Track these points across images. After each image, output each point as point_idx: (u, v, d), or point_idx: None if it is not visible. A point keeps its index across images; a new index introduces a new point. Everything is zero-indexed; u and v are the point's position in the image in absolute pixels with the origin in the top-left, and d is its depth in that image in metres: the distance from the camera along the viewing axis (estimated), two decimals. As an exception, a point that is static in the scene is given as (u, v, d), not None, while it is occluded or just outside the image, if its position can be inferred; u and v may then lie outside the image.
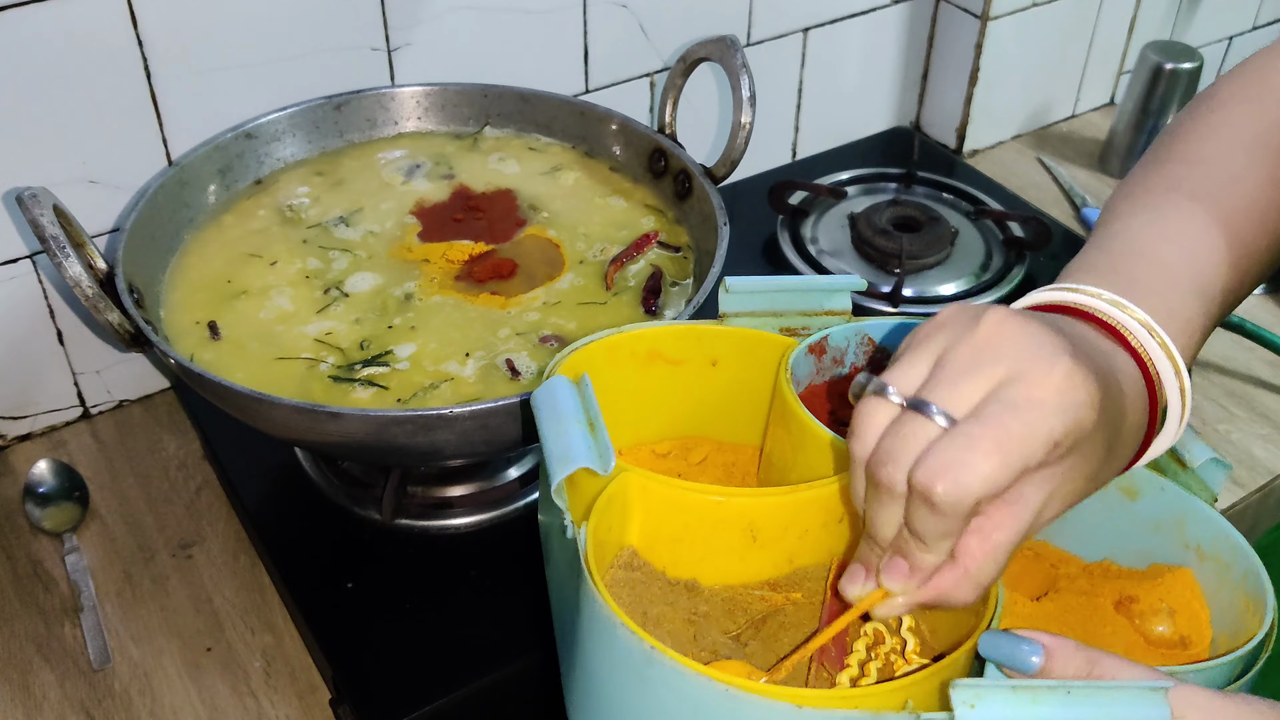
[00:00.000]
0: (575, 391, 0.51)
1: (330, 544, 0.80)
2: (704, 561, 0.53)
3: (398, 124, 0.93)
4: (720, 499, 0.52)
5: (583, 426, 0.49)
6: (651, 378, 0.61)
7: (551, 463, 0.47)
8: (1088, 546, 0.57)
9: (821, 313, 0.63)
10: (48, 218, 0.68)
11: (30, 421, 0.93)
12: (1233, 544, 0.52)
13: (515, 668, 0.72)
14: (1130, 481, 0.54)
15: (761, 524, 0.52)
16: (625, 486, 0.50)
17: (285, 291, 0.80)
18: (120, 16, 0.81)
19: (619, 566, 0.51)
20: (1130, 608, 0.54)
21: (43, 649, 0.78)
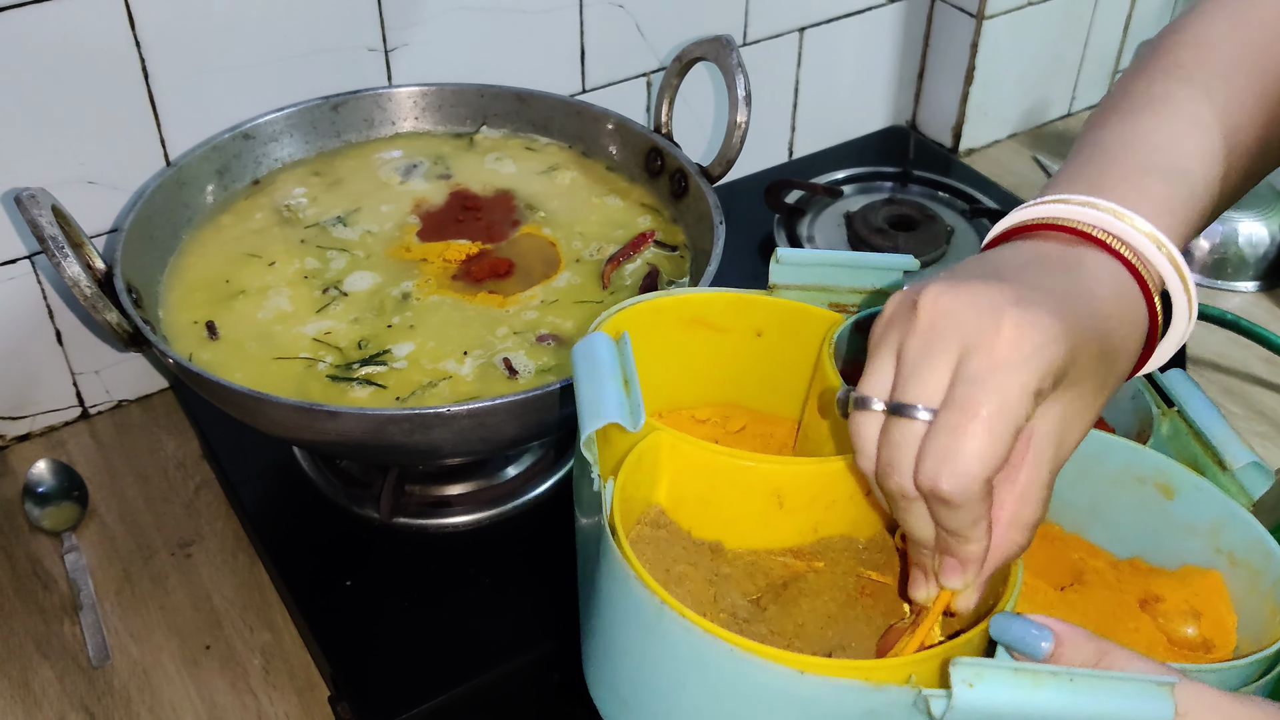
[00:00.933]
0: (614, 348, 0.51)
1: (329, 542, 0.80)
2: (729, 524, 0.53)
3: (395, 124, 0.94)
4: (749, 464, 0.52)
5: (618, 382, 0.49)
6: (694, 343, 0.61)
7: (583, 415, 0.48)
8: (1119, 543, 0.56)
9: (871, 290, 0.63)
10: (46, 218, 0.68)
11: (29, 421, 0.93)
12: (1266, 551, 0.51)
13: (514, 665, 0.72)
14: (1167, 479, 0.54)
15: (789, 491, 0.52)
16: (656, 445, 0.50)
17: (283, 291, 0.80)
18: (118, 17, 0.81)
19: (645, 523, 0.51)
20: (1155, 607, 0.54)
21: (42, 646, 0.78)
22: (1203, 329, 1.04)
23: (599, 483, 0.47)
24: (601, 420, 0.47)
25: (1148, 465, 0.54)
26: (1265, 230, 1.10)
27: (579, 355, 0.51)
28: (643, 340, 0.58)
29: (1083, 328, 0.43)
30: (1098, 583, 0.55)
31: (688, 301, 0.60)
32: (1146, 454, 0.54)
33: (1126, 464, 0.55)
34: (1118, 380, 0.47)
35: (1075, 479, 0.55)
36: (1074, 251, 0.46)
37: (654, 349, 0.59)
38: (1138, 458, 0.54)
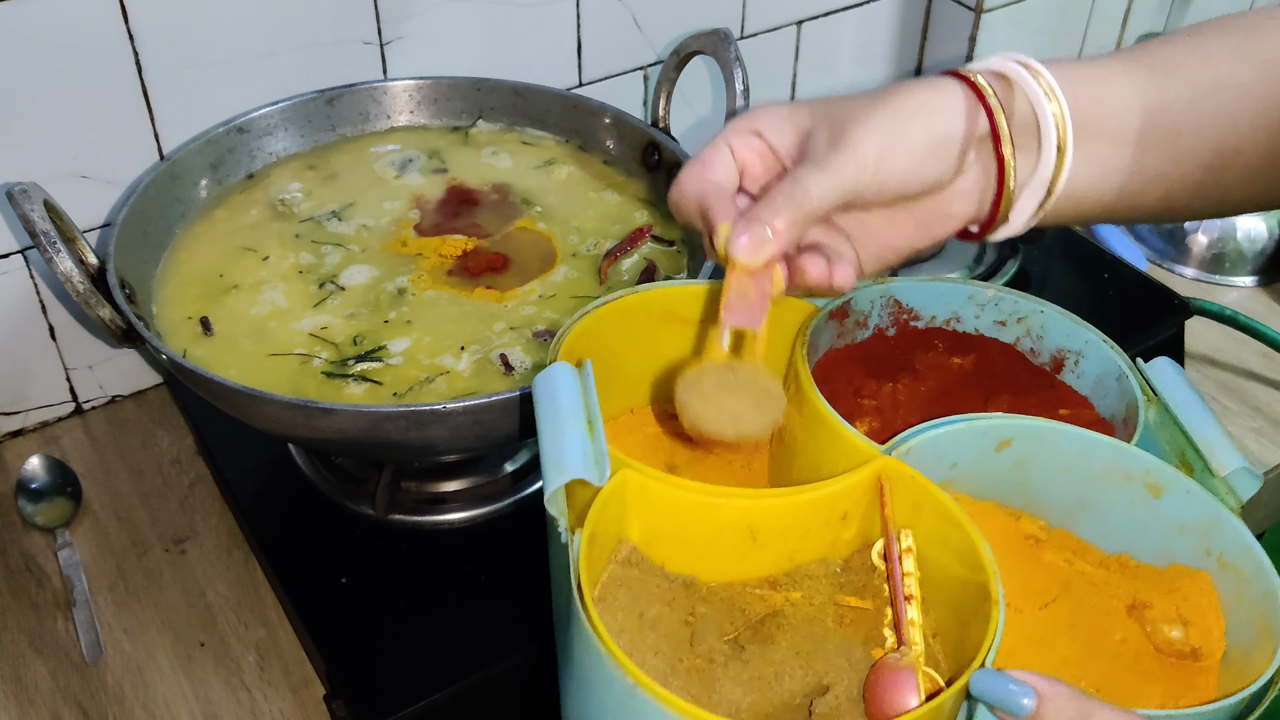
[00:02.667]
0: (576, 382, 0.50)
1: (324, 539, 0.80)
2: (703, 559, 0.52)
3: (390, 118, 0.93)
4: (720, 500, 0.51)
5: (580, 427, 0.48)
6: (666, 338, 0.60)
7: (547, 469, 0.47)
8: (1107, 538, 0.56)
9: None
10: (38, 213, 0.67)
11: (22, 417, 0.92)
12: (1255, 560, 0.50)
13: (510, 663, 0.72)
14: (1156, 478, 0.53)
15: (762, 525, 0.52)
16: (623, 485, 0.50)
17: (278, 286, 0.80)
18: (111, 10, 0.81)
19: (617, 562, 0.51)
20: (1144, 613, 0.53)
21: (35, 643, 0.78)
22: (1200, 324, 1.03)
23: (566, 536, 0.47)
24: (565, 476, 0.46)
25: (1135, 464, 0.53)
26: (1263, 225, 1.10)
27: (540, 392, 0.50)
28: (614, 339, 0.58)
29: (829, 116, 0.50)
30: (1084, 589, 0.54)
31: (657, 297, 0.59)
32: (1133, 453, 0.54)
33: (1113, 462, 0.54)
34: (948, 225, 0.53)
35: (1060, 474, 0.55)
36: (933, 77, 0.52)
37: (625, 347, 0.58)
38: (1124, 456, 0.54)
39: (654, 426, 0.63)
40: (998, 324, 0.64)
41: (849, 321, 0.62)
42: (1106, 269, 1.03)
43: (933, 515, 0.51)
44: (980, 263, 1.05)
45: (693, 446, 0.62)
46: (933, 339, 0.64)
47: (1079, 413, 0.61)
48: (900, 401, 0.62)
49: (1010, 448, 0.54)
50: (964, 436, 0.54)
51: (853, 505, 0.53)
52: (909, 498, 0.52)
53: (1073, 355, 0.62)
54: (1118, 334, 0.61)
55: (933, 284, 0.63)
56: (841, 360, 0.62)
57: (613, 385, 0.59)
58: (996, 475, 0.55)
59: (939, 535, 0.51)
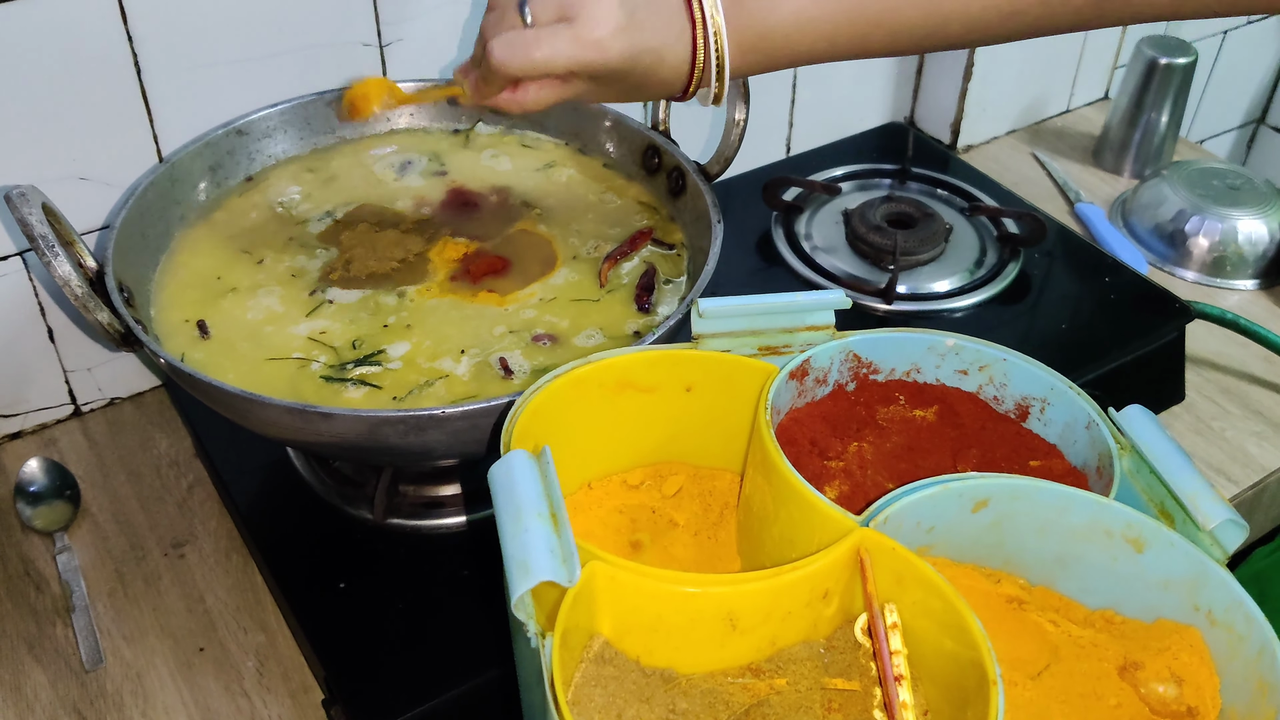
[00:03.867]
0: (535, 470, 0.49)
1: (322, 543, 0.79)
2: (680, 650, 0.51)
3: (389, 120, 0.93)
4: (695, 590, 0.49)
5: (544, 522, 0.46)
6: (622, 406, 0.59)
7: (512, 571, 0.45)
8: (1090, 594, 0.54)
9: (803, 329, 0.61)
10: (36, 216, 0.67)
11: (21, 420, 0.92)
12: (1248, 615, 0.49)
13: (508, 669, 0.72)
14: (1138, 533, 0.52)
15: (741, 611, 0.50)
16: (592, 579, 0.48)
17: (276, 290, 0.79)
18: (110, 13, 0.80)
19: (590, 660, 0.49)
20: (1135, 674, 0.52)
21: (34, 649, 0.78)
22: (1201, 328, 1.03)
23: (536, 641, 0.45)
24: (533, 580, 0.45)
25: (1115, 519, 0.52)
26: (1264, 228, 1.10)
27: (498, 485, 0.49)
28: (569, 411, 0.57)
29: (638, 65, 0.64)
30: (1073, 654, 0.53)
31: (610, 367, 0.58)
32: (1112, 508, 0.52)
33: (1093, 518, 0.53)
34: (650, 94, 0.68)
35: (1038, 533, 0.53)
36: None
37: (581, 419, 0.57)
38: (1103, 512, 0.52)
39: (614, 500, 0.62)
40: (959, 373, 0.62)
41: (809, 380, 0.61)
42: (1107, 272, 1.03)
43: (917, 588, 0.50)
44: (981, 266, 1.04)
45: (655, 526, 0.61)
46: (894, 392, 0.63)
47: (1050, 463, 0.60)
48: (867, 461, 0.61)
49: (987, 508, 0.53)
50: (940, 500, 0.52)
51: (833, 583, 0.51)
52: (891, 570, 0.50)
53: (1038, 402, 0.61)
54: (1119, 338, 0.61)
55: (891, 336, 0.62)
56: (804, 419, 0.61)
57: (569, 460, 0.58)
58: (974, 536, 0.54)
59: (924, 608, 0.50)
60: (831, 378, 0.62)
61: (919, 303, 1.00)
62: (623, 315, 0.78)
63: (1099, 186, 1.22)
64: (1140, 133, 1.21)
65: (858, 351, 0.62)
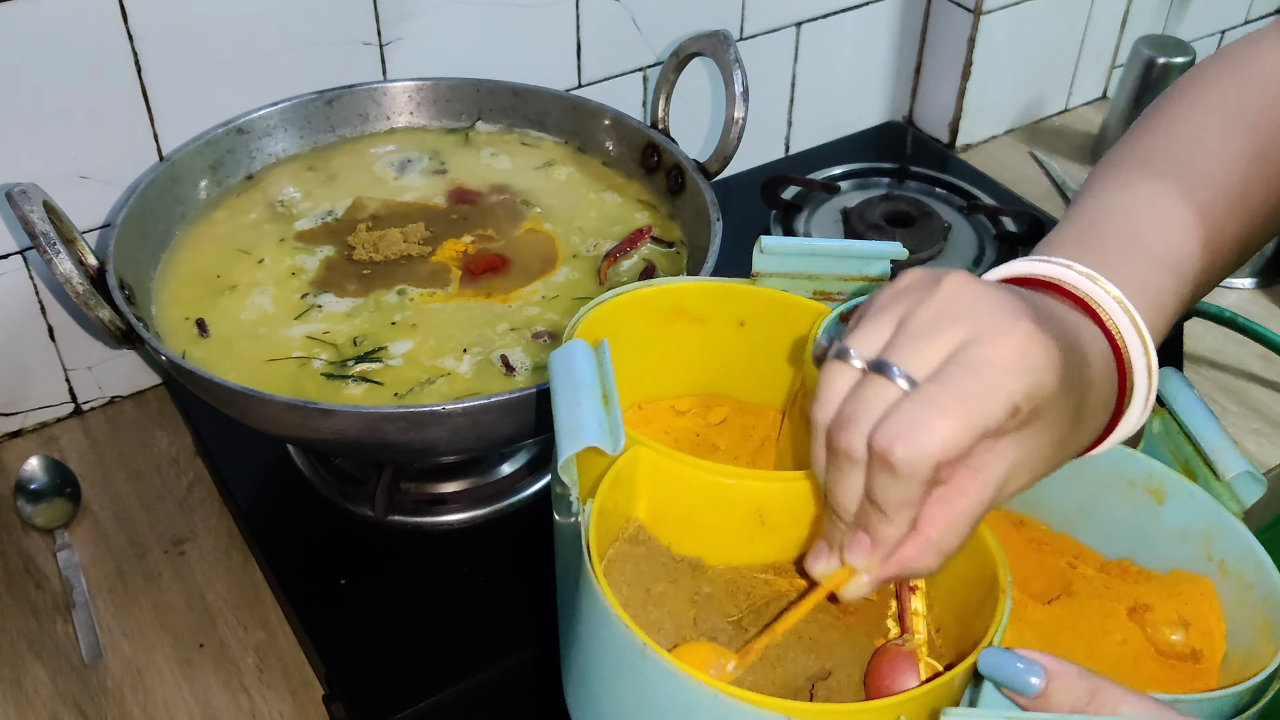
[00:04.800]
0: (593, 358, 0.50)
1: (323, 540, 0.80)
2: (710, 541, 0.52)
3: (390, 119, 0.93)
4: (731, 481, 0.51)
5: (596, 400, 0.48)
6: (675, 334, 0.60)
7: (561, 437, 0.46)
8: (1109, 544, 0.56)
9: (858, 278, 0.61)
10: (38, 214, 0.67)
11: (21, 418, 0.92)
12: (1258, 563, 0.50)
13: (509, 664, 0.72)
14: (1159, 484, 0.53)
15: (771, 508, 0.51)
16: (634, 462, 0.49)
17: (277, 288, 0.80)
18: (111, 11, 0.81)
19: (624, 540, 0.50)
20: (1144, 616, 0.53)
21: (35, 645, 0.78)
22: (1199, 326, 1.03)
23: (577, 506, 0.47)
24: (580, 444, 0.46)
25: (1138, 469, 0.53)
26: (1262, 227, 1.10)
27: (556, 368, 0.50)
28: (623, 332, 0.57)
29: (1073, 377, 0.43)
30: (1085, 591, 0.54)
31: (669, 292, 0.59)
32: (1136, 458, 0.54)
33: (1115, 467, 0.54)
34: (1077, 446, 0.47)
35: (1063, 480, 0.54)
36: (1076, 315, 0.47)
37: (635, 341, 0.58)
38: (1127, 461, 0.54)
39: (662, 421, 0.63)
40: None
41: None
42: (1106, 270, 1.03)
43: None
44: (979, 264, 1.05)
45: (698, 448, 0.62)
46: None
47: None
48: None
49: None
50: None
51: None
52: None
53: None
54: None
55: None
56: None
57: (621, 379, 0.59)
58: None
59: None
60: None
61: (918, 301, 1.00)
62: (622, 313, 0.78)
63: (1097, 185, 1.23)
64: (1138, 132, 1.21)
65: None
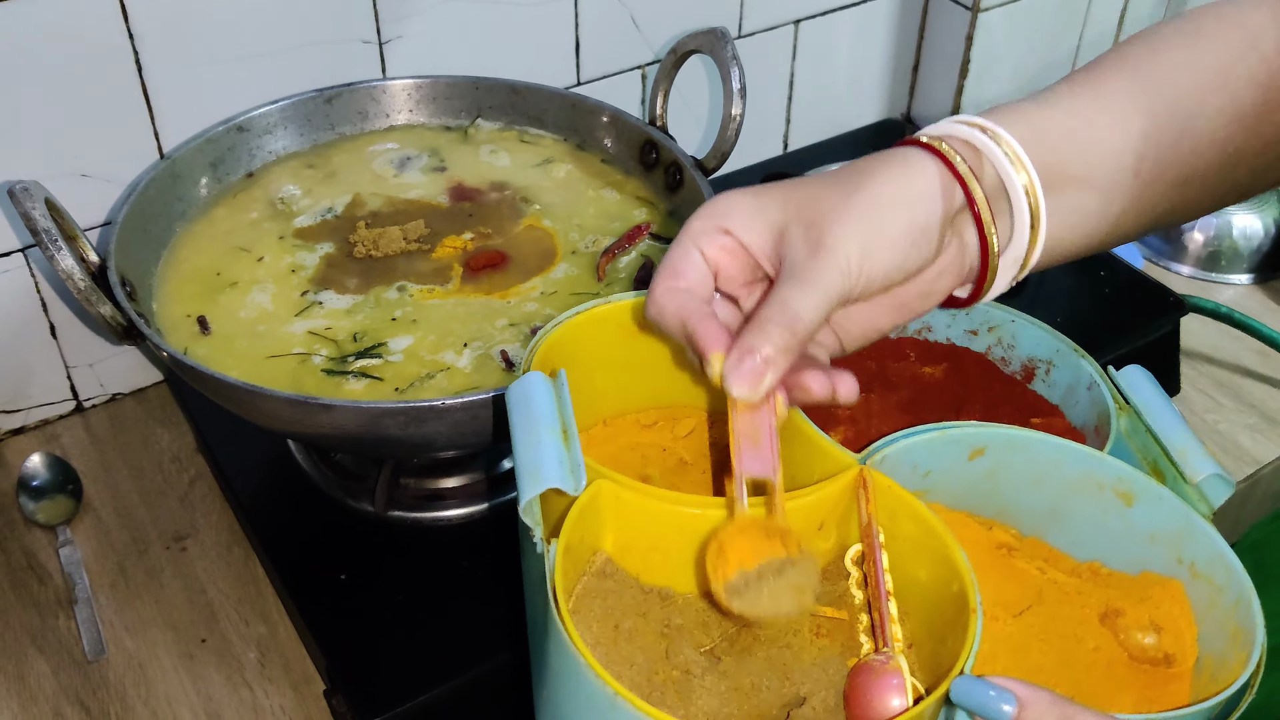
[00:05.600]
0: (551, 390, 0.50)
1: (323, 536, 0.80)
2: (679, 570, 0.52)
3: (389, 117, 0.93)
4: (695, 511, 0.50)
5: (555, 436, 0.47)
6: (638, 348, 0.60)
7: (522, 478, 0.46)
8: (1079, 547, 0.55)
9: None
10: (39, 211, 0.68)
11: (23, 415, 0.93)
12: (1228, 567, 0.50)
13: (509, 659, 0.72)
14: (1128, 487, 0.53)
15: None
16: (598, 495, 0.49)
17: (277, 285, 0.80)
18: (111, 10, 0.81)
19: (591, 574, 0.50)
20: (1116, 621, 0.53)
21: (37, 641, 0.78)
22: (1196, 321, 1.04)
23: (541, 546, 0.46)
24: (541, 486, 0.45)
25: (1107, 472, 0.53)
26: (1259, 223, 1.11)
27: (514, 403, 0.49)
28: (585, 351, 0.57)
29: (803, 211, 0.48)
30: (1056, 599, 0.54)
31: (631, 308, 0.58)
32: (1105, 461, 0.53)
33: (1086, 470, 0.53)
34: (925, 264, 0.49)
35: (1032, 484, 0.54)
36: (902, 152, 0.50)
37: (597, 358, 0.58)
38: (1097, 465, 0.53)
39: (627, 438, 0.62)
40: (969, 333, 0.63)
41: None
42: (1102, 266, 1.04)
43: (908, 523, 0.50)
44: (977, 260, 1.05)
45: (665, 463, 0.62)
46: (905, 349, 0.64)
47: (1051, 421, 0.61)
48: (873, 411, 0.62)
49: (983, 456, 0.54)
50: (938, 445, 0.53)
51: (830, 514, 0.52)
52: (884, 506, 0.51)
53: (1043, 364, 0.62)
54: (1114, 332, 0.61)
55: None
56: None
57: (585, 397, 0.58)
58: (969, 484, 0.55)
59: (914, 544, 0.50)
60: None
61: (915, 297, 1.00)
62: (621, 309, 0.79)
63: (1094, 182, 1.23)
64: (1135, 129, 1.22)
65: None
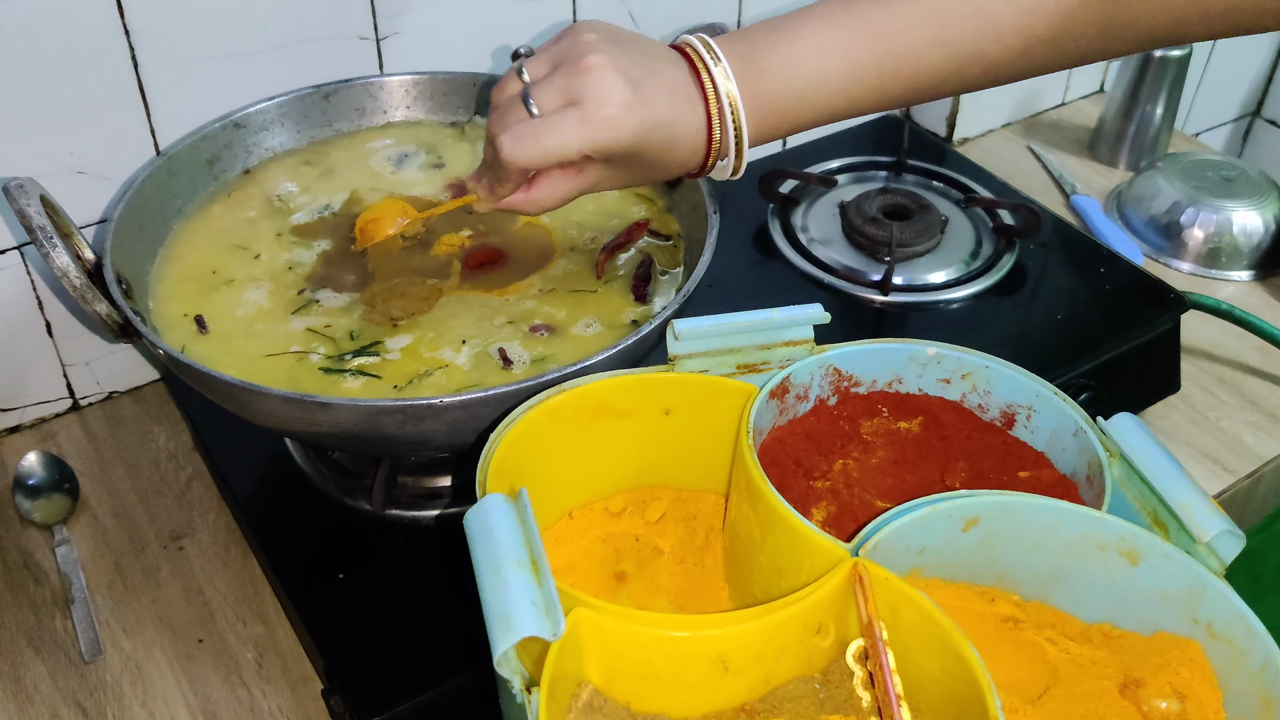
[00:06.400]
0: (513, 514, 0.47)
1: (321, 534, 0.80)
2: (672, 695, 0.49)
3: (387, 113, 0.93)
4: (685, 634, 0.48)
5: (525, 571, 0.45)
6: (600, 432, 0.58)
7: (493, 627, 0.44)
8: (1086, 608, 0.53)
9: (780, 344, 0.60)
10: (34, 208, 0.67)
11: (19, 413, 0.92)
12: (1249, 629, 0.48)
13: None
14: (1131, 546, 0.51)
15: (733, 653, 0.49)
16: (577, 626, 0.46)
17: (274, 282, 0.80)
18: (107, 5, 0.80)
19: (578, 709, 0.48)
20: (1137, 692, 0.50)
21: (34, 641, 0.78)
22: (1196, 318, 1.04)
23: (522, 697, 0.44)
24: (515, 636, 0.43)
25: (1107, 533, 0.51)
26: (1259, 220, 1.10)
27: (474, 535, 0.47)
28: (545, 441, 0.56)
29: (652, 140, 0.63)
30: (1073, 675, 0.52)
31: (585, 394, 0.57)
32: (1105, 521, 0.52)
33: (1085, 532, 0.52)
34: (665, 176, 0.68)
35: (1028, 550, 0.52)
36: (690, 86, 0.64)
37: (559, 447, 0.56)
38: (1096, 525, 0.52)
39: (596, 529, 0.61)
40: (942, 382, 0.61)
41: (789, 397, 0.60)
42: (1102, 264, 1.03)
43: (912, 616, 0.48)
44: (977, 257, 1.05)
45: (640, 555, 0.60)
46: (877, 404, 0.62)
47: (1039, 472, 0.59)
48: (854, 479, 0.60)
49: (977, 526, 0.52)
50: (930, 521, 0.51)
51: (827, 614, 0.50)
52: (884, 601, 0.49)
53: (1023, 410, 0.60)
54: (1114, 329, 0.60)
55: (870, 348, 0.61)
56: (786, 438, 0.60)
57: (548, 491, 0.57)
58: (966, 555, 0.53)
59: (920, 636, 0.48)
60: (813, 393, 0.61)
61: (915, 294, 1.00)
62: (619, 305, 0.78)
63: (1094, 179, 1.23)
64: (1135, 125, 1.22)
65: (837, 365, 0.61)
